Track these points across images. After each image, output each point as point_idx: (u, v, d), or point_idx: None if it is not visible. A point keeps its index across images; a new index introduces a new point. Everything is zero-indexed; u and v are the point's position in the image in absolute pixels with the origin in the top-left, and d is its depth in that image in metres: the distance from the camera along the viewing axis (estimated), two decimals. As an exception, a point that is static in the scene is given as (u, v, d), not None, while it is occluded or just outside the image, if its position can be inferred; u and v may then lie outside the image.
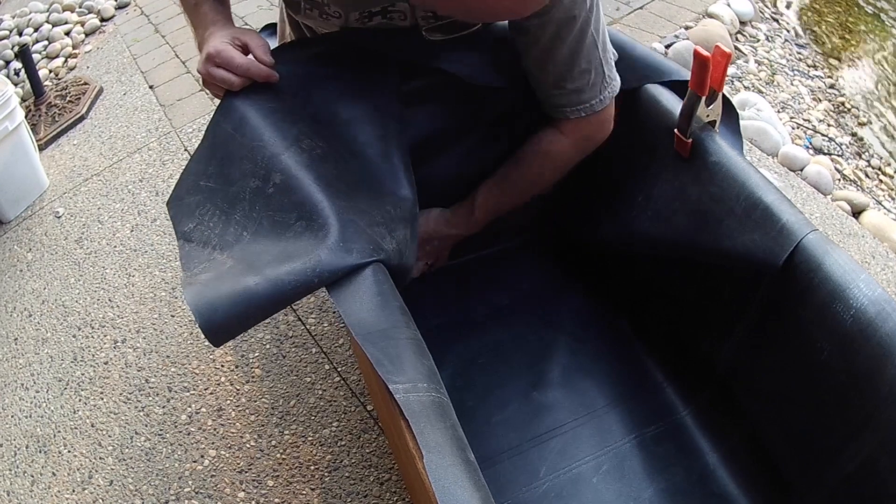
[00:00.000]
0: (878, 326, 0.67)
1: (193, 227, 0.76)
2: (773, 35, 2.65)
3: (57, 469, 1.30)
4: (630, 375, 1.05)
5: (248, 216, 0.75)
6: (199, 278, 0.69)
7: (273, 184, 0.76)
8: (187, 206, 0.79)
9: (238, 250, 0.72)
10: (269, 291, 0.66)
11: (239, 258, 0.71)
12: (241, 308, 0.66)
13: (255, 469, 1.23)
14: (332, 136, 0.84)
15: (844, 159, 2.11)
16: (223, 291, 0.66)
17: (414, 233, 0.83)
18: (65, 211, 1.92)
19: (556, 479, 0.93)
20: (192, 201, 0.79)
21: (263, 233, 0.73)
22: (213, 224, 0.76)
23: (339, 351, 1.40)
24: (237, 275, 0.68)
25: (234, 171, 0.79)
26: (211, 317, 0.65)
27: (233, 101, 0.83)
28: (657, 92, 0.95)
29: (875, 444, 0.70)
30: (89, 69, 2.58)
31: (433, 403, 0.59)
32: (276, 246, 0.71)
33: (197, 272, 0.71)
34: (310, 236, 0.71)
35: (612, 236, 1.06)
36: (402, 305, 0.69)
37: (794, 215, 0.76)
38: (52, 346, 1.54)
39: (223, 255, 0.72)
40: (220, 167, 0.80)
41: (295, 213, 0.73)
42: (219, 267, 0.70)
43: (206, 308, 0.65)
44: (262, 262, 0.69)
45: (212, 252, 0.73)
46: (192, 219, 0.77)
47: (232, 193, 0.77)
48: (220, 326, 0.66)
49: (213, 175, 0.80)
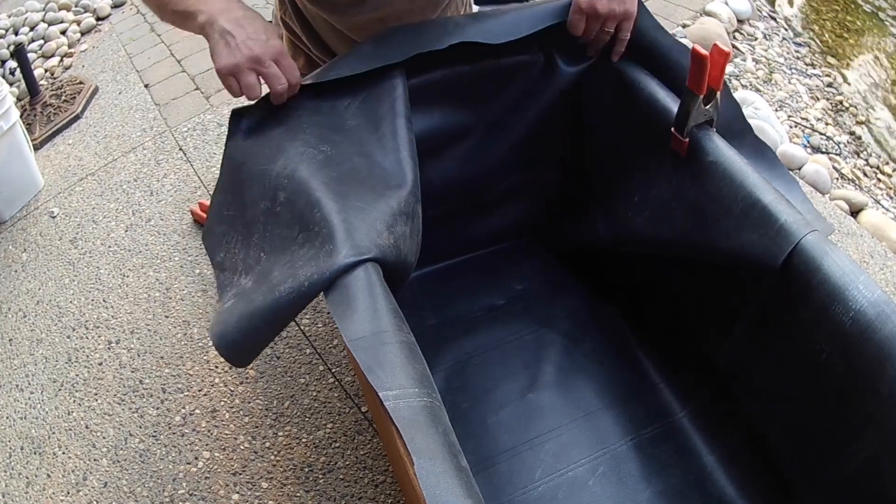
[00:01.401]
0: (877, 329, 0.67)
1: (224, 257, 0.81)
2: (770, 33, 2.64)
3: (52, 471, 1.29)
4: (627, 376, 1.04)
5: (263, 237, 0.78)
6: (226, 306, 0.73)
7: (279, 202, 0.77)
8: (216, 236, 0.83)
9: (257, 271, 0.75)
10: (267, 303, 0.69)
11: (257, 279, 0.74)
12: (246, 323, 0.69)
13: (249, 471, 1.22)
14: (339, 140, 0.84)
15: (843, 158, 2.11)
16: (235, 314, 0.70)
17: (415, 228, 0.83)
18: (60, 211, 1.91)
19: (552, 482, 0.92)
20: (219, 231, 0.83)
21: (275, 252, 0.76)
22: (238, 250, 0.80)
23: (334, 352, 1.39)
24: (251, 294, 0.72)
25: (246, 198, 0.82)
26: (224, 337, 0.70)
27: (238, 127, 0.87)
28: (654, 90, 0.94)
29: (876, 445, 0.69)
30: (85, 68, 2.57)
31: (424, 409, 0.58)
32: (283, 261, 0.73)
33: (226, 300, 0.75)
34: (309, 246, 0.72)
35: (609, 236, 1.05)
36: (395, 308, 0.68)
37: (793, 215, 0.75)
38: (46, 346, 1.53)
39: (247, 279, 0.76)
40: (235, 195, 0.83)
41: (297, 226, 0.75)
42: (241, 291, 0.74)
43: (220, 330, 0.70)
44: (274, 279, 0.72)
45: (239, 278, 0.77)
46: (221, 248, 0.82)
47: (249, 218, 0.80)
48: (235, 348, 0.70)
49: (231, 204, 0.84)
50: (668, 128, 0.88)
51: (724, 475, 0.92)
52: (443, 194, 1.09)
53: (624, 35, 0.96)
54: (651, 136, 0.93)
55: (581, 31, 0.95)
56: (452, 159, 1.07)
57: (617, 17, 0.93)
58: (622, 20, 0.94)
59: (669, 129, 0.88)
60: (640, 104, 0.95)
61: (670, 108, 0.89)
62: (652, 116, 0.93)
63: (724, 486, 0.91)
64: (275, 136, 0.84)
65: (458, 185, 1.09)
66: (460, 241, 1.21)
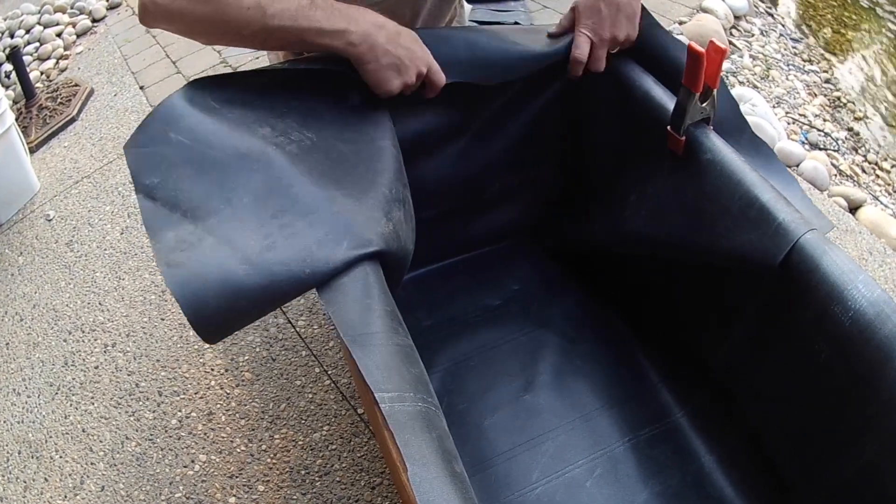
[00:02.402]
0: (877, 329, 0.66)
1: (157, 183, 0.70)
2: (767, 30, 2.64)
3: (49, 474, 1.29)
4: (624, 377, 1.04)
5: (224, 186, 0.70)
6: (177, 258, 0.65)
7: (260, 163, 0.73)
8: (151, 156, 0.72)
9: (215, 224, 0.68)
10: (260, 284, 0.64)
11: (219, 236, 0.67)
12: (232, 301, 0.63)
13: (245, 474, 1.22)
14: (322, 127, 0.82)
15: (841, 154, 2.10)
16: (210, 280, 0.63)
17: (407, 214, 0.82)
18: (55, 214, 1.90)
19: (549, 484, 0.92)
20: (156, 152, 0.72)
21: (244, 212, 0.69)
22: (182, 184, 0.70)
23: (330, 354, 1.39)
24: (221, 258, 0.65)
25: (211, 137, 0.74)
26: (201, 311, 0.62)
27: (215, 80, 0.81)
28: (650, 88, 0.93)
29: (876, 447, 0.68)
30: (80, 70, 2.56)
31: (419, 414, 0.58)
32: (258, 231, 0.68)
33: (171, 246, 0.66)
34: (297, 229, 0.69)
35: (606, 236, 1.04)
36: (393, 310, 0.68)
37: (791, 214, 0.75)
38: (43, 350, 1.53)
39: (196, 228, 0.67)
40: (196, 126, 0.75)
41: (280, 202, 0.71)
42: (197, 245, 0.66)
43: (195, 301, 0.62)
44: (248, 246, 0.66)
45: (181, 219, 0.68)
46: (157, 172, 0.71)
47: (210, 157, 0.72)
48: (212, 322, 0.63)
49: (185, 131, 0.74)
50: (664, 126, 0.87)
51: (722, 476, 0.91)
52: (438, 194, 1.08)
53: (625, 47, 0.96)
54: (648, 134, 0.93)
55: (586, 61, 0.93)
56: (446, 159, 1.06)
57: (619, 43, 0.93)
58: (625, 44, 0.94)
59: (666, 128, 0.87)
60: (637, 102, 0.95)
61: (667, 106, 0.89)
62: (648, 115, 0.92)
63: (723, 487, 0.90)
64: (261, 109, 0.80)
65: (453, 185, 1.08)
66: (456, 241, 1.20)
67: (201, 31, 0.81)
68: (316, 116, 0.83)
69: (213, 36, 0.82)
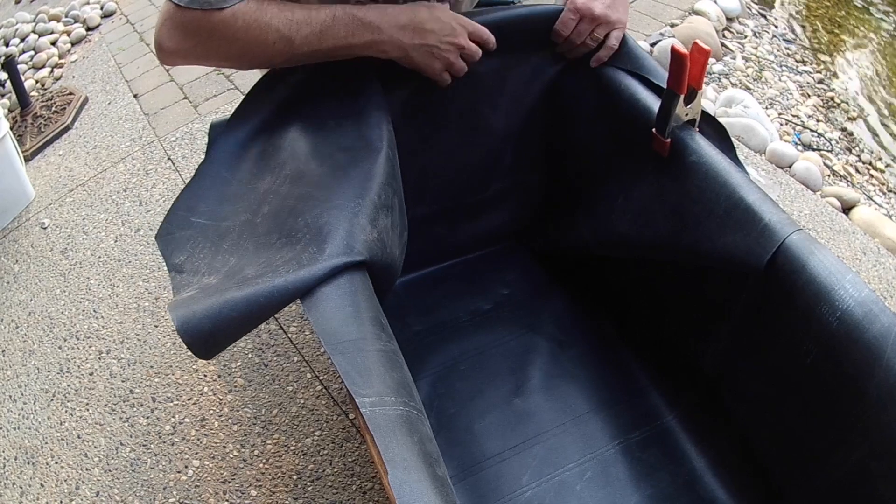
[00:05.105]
0: (865, 329, 0.66)
1: (184, 260, 0.77)
2: (760, 31, 2.64)
3: (45, 480, 1.29)
4: (614, 380, 1.04)
5: (236, 244, 0.76)
6: (185, 297, 0.70)
7: (262, 214, 0.77)
8: (178, 240, 0.80)
9: (224, 272, 0.73)
10: (245, 297, 0.66)
11: (223, 276, 0.72)
12: (217, 315, 0.65)
13: (238, 479, 1.22)
14: (325, 136, 0.83)
15: (834, 155, 2.10)
16: (203, 304, 0.66)
17: (395, 221, 0.82)
18: (50, 222, 1.91)
19: (540, 487, 0.92)
20: (182, 236, 0.80)
21: (248, 256, 0.74)
22: (204, 255, 0.77)
23: (321, 360, 1.39)
24: (220, 290, 0.68)
25: (226, 210, 0.80)
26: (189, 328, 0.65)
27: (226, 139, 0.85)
28: (635, 91, 0.93)
29: (865, 448, 0.68)
30: (75, 79, 2.57)
31: (400, 418, 0.57)
32: (258, 261, 0.72)
33: (184, 294, 0.72)
34: (289, 250, 0.71)
35: (593, 239, 1.04)
36: (376, 316, 0.68)
37: (777, 214, 0.75)
38: (38, 357, 1.53)
39: (210, 278, 0.73)
40: (213, 206, 0.81)
41: (276, 233, 0.73)
42: (205, 286, 0.71)
43: (186, 320, 0.65)
44: (247, 274, 0.70)
45: (201, 278, 0.74)
46: (183, 252, 0.78)
47: (223, 228, 0.79)
48: (200, 336, 0.65)
49: (204, 213, 0.81)
50: (649, 128, 0.88)
51: (713, 478, 0.91)
52: (425, 199, 1.08)
53: (613, 43, 0.95)
54: (633, 137, 0.93)
55: (570, 30, 0.94)
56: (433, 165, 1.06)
57: (611, 23, 0.93)
58: (614, 28, 0.94)
59: (651, 130, 0.87)
60: (622, 105, 0.95)
61: (652, 109, 0.89)
62: (633, 117, 0.92)
63: (714, 489, 0.90)
64: (261, 149, 0.83)
65: (440, 189, 1.08)
66: (445, 246, 1.20)
67: (230, 66, 0.83)
68: (317, 129, 0.84)
69: (244, 68, 0.84)
